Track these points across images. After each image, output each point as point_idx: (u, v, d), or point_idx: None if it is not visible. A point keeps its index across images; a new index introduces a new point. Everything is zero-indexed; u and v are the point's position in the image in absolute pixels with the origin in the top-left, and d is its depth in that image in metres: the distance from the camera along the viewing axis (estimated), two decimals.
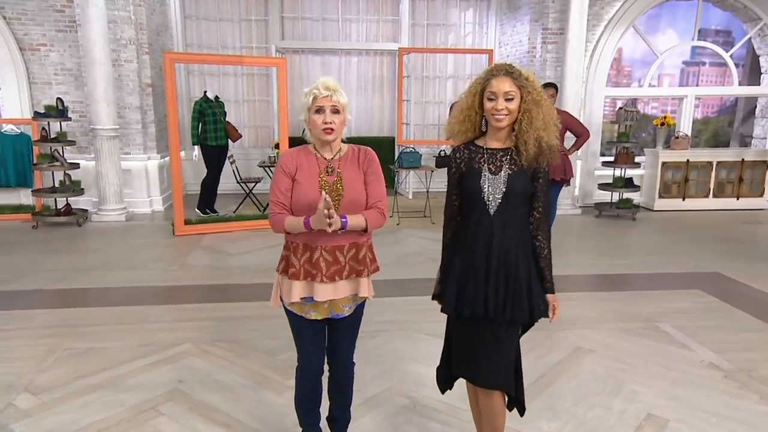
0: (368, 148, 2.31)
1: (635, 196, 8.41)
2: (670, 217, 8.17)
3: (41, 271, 5.30)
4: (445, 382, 2.45)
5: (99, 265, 5.54)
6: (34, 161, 7.14)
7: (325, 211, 1.98)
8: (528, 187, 2.16)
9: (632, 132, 8.06)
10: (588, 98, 8.59)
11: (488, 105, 2.11)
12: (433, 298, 2.36)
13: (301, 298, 2.21)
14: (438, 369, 2.47)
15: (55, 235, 6.68)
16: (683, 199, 8.61)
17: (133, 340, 3.81)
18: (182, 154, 8.58)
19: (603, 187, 8.22)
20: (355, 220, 2.13)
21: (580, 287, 5.10)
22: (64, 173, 7.07)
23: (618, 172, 8.15)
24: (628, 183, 8.07)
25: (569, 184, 6.01)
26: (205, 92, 7.47)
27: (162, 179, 8.20)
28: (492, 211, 2.14)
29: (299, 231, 2.13)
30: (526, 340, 3.74)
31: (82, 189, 7.26)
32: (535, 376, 3.34)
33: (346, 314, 2.30)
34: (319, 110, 2.13)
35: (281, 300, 2.28)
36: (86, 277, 5.16)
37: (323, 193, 2.04)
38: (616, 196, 8.17)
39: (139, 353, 3.60)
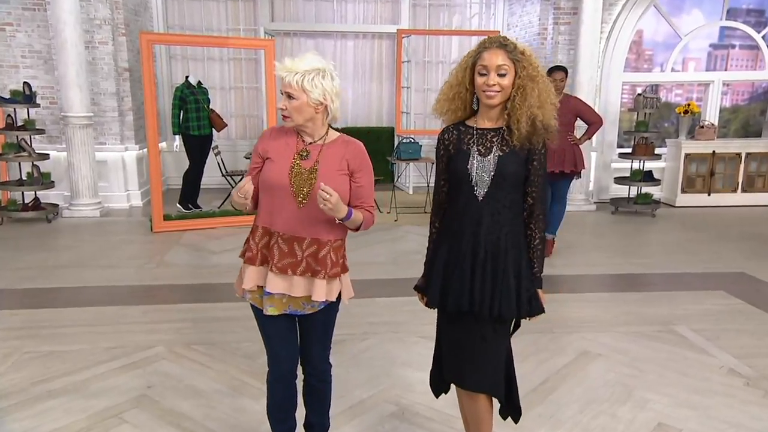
0: (358, 141, 2.28)
1: (655, 191, 8.36)
2: (694, 213, 8.12)
3: (6, 270, 5.29)
4: (438, 385, 2.44)
5: (70, 263, 5.54)
6: (1, 151, 7.14)
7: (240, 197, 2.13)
8: (521, 170, 2.13)
9: (654, 121, 8.02)
10: (604, 84, 8.55)
11: (479, 80, 2.08)
12: (415, 289, 2.35)
13: (258, 286, 2.23)
14: (431, 372, 2.46)
15: (23, 232, 6.68)
16: (708, 194, 8.56)
17: (102, 343, 3.80)
18: (163, 144, 8.62)
19: (620, 181, 8.19)
20: (357, 216, 2.17)
21: (592, 287, 5.09)
22: (32, 164, 7.06)
23: (636, 165, 8.11)
24: (647, 176, 8.02)
25: (580, 176, 5.97)
26: (187, 77, 7.45)
27: (141, 172, 8.19)
28: (480, 197, 2.12)
29: (239, 208, 2.26)
30: (528, 343, 3.77)
31: (52, 182, 7.25)
32: (537, 382, 3.32)
33: (308, 312, 2.26)
34: (281, 93, 2.14)
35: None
36: (55, 276, 5.16)
37: (250, 180, 2.14)
38: (634, 191, 8.14)
39: (107, 357, 3.60)
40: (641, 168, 8.06)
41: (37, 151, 7.13)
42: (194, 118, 7.28)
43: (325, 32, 9.85)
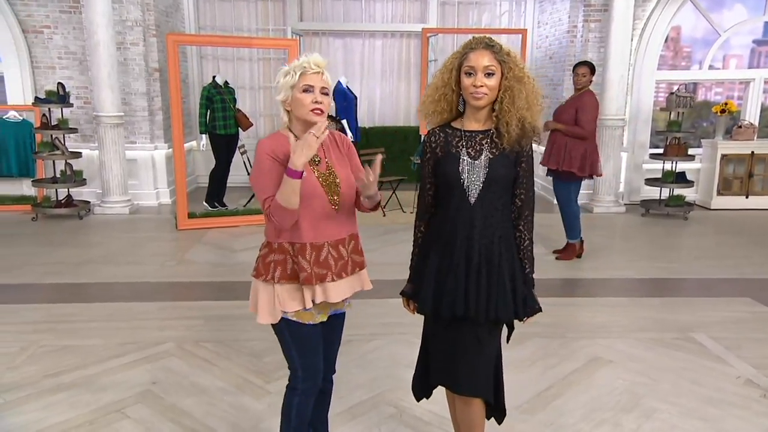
0: (336, 131, 2.34)
1: (689, 193, 8.10)
2: (730, 216, 7.86)
3: (35, 265, 5.48)
4: (421, 390, 2.42)
5: (95, 259, 5.69)
6: (36, 150, 7.39)
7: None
8: (510, 172, 2.12)
9: (691, 120, 7.76)
10: (636, 82, 8.33)
11: (466, 81, 2.06)
12: (401, 295, 2.34)
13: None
14: (414, 376, 2.44)
15: (55, 228, 6.90)
16: (746, 197, 8.27)
17: (115, 338, 3.89)
18: (193, 143, 8.78)
19: (651, 182, 7.97)
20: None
21: (612, 292, 4.97)
22: (65, 162, 7.29)
23: (668, 166, 7.88)
24: (679, 178, 7.79)
25: (591, 178, 5.75)
26: (214, 77, 7.58)
27: (170, 170, 8.33)
28: (472, 200, 2.10)
29: (292, 191, 1.97)
30: (537, 348, 3.72)
31: (84, 179, 7.46)
32: (541, 388, 3.26)
33: (345, 309, 2.33)
34: (308, 89, 2.08)
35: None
36: (80, 272, 5.31)
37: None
38: (666, 193, 7.91)
39: (118, 352, 3.68)
40: (673, 169, 7.83)
41: (70, 150, 7.35)
42: (221, 117, 7.40)
43: (354, 31, 9.88)
